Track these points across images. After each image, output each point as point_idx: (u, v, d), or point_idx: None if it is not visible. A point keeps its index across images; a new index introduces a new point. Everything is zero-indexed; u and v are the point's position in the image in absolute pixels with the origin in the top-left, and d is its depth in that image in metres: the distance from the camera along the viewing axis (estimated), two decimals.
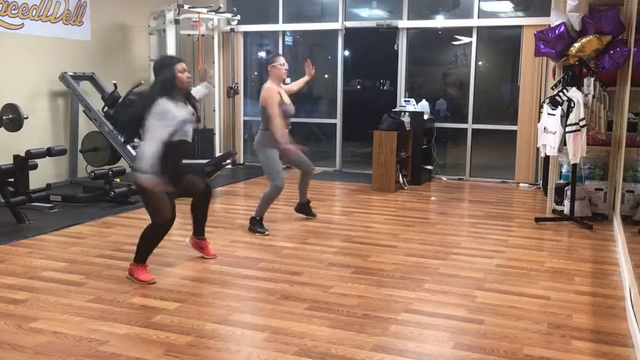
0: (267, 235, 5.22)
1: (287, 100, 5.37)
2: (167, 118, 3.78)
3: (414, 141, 7.88)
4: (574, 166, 5.69)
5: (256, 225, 5.33)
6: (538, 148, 6.33)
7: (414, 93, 8.70)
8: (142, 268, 4.01)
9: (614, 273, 4.25)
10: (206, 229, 4.53)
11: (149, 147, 3.73)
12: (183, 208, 4.49)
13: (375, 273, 4.17)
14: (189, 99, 4.08)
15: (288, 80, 5.54)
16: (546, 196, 6.40)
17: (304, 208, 5.93)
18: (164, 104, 3.80)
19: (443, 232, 5.44)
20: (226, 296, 3.71)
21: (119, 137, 6.66)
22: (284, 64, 5.35)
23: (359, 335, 3.12)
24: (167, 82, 3.86)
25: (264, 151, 5.29)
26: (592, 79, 5.57)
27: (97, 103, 7.26)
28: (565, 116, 5.38)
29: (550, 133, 5.49)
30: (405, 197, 7.15)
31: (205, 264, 4.34)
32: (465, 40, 8.54)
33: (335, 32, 8.99)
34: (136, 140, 4.18)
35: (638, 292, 3.26)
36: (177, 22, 8.03)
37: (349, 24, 8.91)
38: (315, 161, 9.38)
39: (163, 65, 3.95)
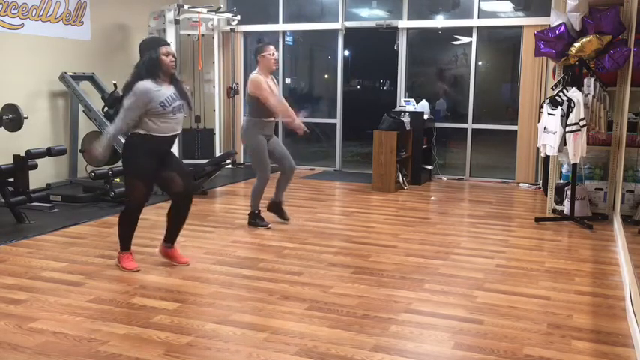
0: (270, 227, 5.20)
1: (276, 91, 5.35)
2: (143, 97, 3.87)
3: (414, 141, 7.88)
4: (574, 166, 5.69)
5: (256, 219, 5.32)
6: (538, 148, 6.33)
7: (414, 93, 8.71)
8: (126, 255, 4.19)
9: (614, 273, 4.25)
10: (201, 231, 4.50)
11: (116, 122, 4.00)
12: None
13: (375, 273, 4.17)
14: (176, 84, 4.09)
15: (287, 80, 5.51)
16: (546, 196, 6.40)
17: (276, 208, 5.58)
18: (144, 83, 3.89)
19: (443, 232, 5.44)
20: (226, 296, 3.71)
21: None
22: (273, 54, 5.27)
23: (359, 335, 3.12)
24: (150, 63, 3.93)
25: (253, 139, 5.23)
26: (592, 79, 5.57)
27: (97, 103, 7.26)
28: (565, 116, 5.38)
29: (550, 133, 5.49)
30: (405, 197, 7.15)
31: (205, 264, 4.34)
32: (465, 40, 8.54)
33: (335, 32, 8.99)
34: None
35: (638, 292, 3.26)
36: (177, 22, 8.03)
37: (349, 24, 8.91)
38: (315, 161, 9.46)
39: (148, 47, 4.03)
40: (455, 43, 8.85)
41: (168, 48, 4.03)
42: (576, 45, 5.60)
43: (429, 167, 8.34)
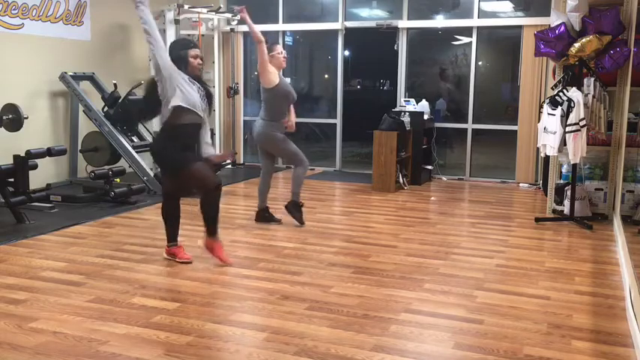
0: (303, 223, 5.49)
1: (286, 79, 5.41)
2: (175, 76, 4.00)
3: (414, 141, 7.88)
4: (574, 166, 5.69)
5: (298, 210, 5.52)
6: (538, 148, 6.33)
7: (414, 93, 8.71)
8: (176, 248, 4.38)
9: (614, 273, 4.25)
10: (201, 231, 4.43)
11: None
12: (185, 208, 4.50)
13: (375, 273, 4.17)
14: (200, 83, 4.21)
15: (288, 80, 5.53)
16: (546, 196, 6.40)
17: (265, 215, 5.60)
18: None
19: (443, 232, 5.44)
20: (226, 296, 3.71)
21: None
22: (282, 52, 5.36)
23: (359, 335, 3.12)
24: (179, 62, 4.05)
25: (276, 138, 5.35)
26: (592, 79, 5.57)
27: (97, 103, 7.26)
28: (565, 116, 5.38)
29: (550, 133, 5.49)
30: (405, 197, 7.15)
31: (205, 264, 4.34)
32: (465, 40, 8.54)
33: (335, 32, 8.99)
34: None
35: (638, 292, 3.26)
36: (177, 22, 8.03)
37: (349, 24, 8.91)
38: (315, 161, 9.45)
39: (178, 47, 4.16)
40: (455, 43, 8.85)
41: (197, 51, 4.15)
42: (576, 45, 5.60)
43: (429, 167, 8.35)
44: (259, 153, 5.67)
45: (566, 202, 5.91)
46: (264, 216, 5.64)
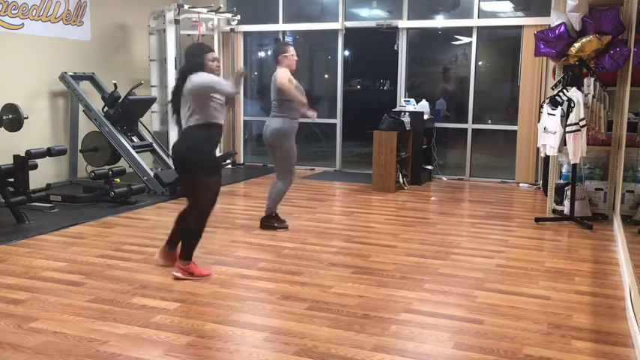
0: (288, 228, 5.35)
1: (295, 81, 5.38)
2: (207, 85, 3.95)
3: (414, 141, 7.88)
4: (574, 166, 5.69)
5: (275, 221, 5.36)
6: (538, 148, 6.33)
7: (414, 93, 8.71)
8: (194, 265, 4.05)
9: (614, 273, 4.25)
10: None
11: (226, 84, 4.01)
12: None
13: (375, 273, 4.17)
14: None
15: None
16: (546, 196, 6.40)
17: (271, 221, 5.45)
18: (200, 74, 3.96)
19: (443, 232, 5.44)
20: (226, 296, 3.71)
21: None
22: (294, 54, 5.31)
23: (359, 335, 3.12)
24: (196, 68, 3.99)
25: (289, 141, 5.21)
26: (592, 79, 5.57)
27: (97, 103, 7.26)
28: (565, 116, 5.38)
29: (550, 133, 5.49)
30: (405, 197, 7.15)
31: (205, 264, 4.34)
32: (465, 40, 8.54)
33: (335, 32, 8.99)
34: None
35: (638, 292, 3.26)
36: (177, 22, 8.03)
37: (349, 24, 8.91)
38: (315, 161, 9.46)
39: (195, 53, 4.09)
40: (455, 43, 8.85)
41: (214, 54, 4.14)
42: (576, 45, 5.60)
43: (429, 167, 8.34)
44: (271, 156, 5.49)
45: (566, 202, 5.91)
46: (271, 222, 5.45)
